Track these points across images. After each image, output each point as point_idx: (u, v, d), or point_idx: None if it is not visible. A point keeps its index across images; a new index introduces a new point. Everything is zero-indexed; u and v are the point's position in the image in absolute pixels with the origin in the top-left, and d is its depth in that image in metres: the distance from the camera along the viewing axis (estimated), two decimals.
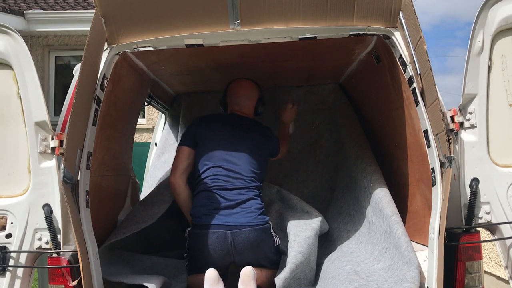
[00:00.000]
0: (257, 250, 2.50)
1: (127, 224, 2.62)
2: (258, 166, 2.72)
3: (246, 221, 2.49)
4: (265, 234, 2.54)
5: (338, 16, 2.21)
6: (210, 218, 2.51)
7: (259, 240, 2.50)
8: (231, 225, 2.47)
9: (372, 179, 2.74)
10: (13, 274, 2.13)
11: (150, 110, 9.88)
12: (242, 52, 2.66)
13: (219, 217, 2.50)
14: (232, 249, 2.46)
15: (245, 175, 2.64)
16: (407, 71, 2.26)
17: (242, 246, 2.46)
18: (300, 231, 2.66)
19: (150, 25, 2.23)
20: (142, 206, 2.79)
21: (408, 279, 2.10)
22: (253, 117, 3.01)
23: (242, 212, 2.53)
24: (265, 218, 2.58)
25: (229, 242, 2.45)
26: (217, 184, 2.61)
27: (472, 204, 2.14)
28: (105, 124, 2.41)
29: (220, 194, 2.58)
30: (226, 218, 2.50)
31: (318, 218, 2.79)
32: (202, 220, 2.52)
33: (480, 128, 2.19)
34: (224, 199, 2.56)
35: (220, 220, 2.49)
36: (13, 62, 2.15)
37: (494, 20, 2.17)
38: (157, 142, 4.22)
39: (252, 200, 2.58)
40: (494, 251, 4.40)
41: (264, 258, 2.55)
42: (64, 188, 1.98)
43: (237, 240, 2.46)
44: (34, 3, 10.12)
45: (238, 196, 2.57)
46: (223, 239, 2.45)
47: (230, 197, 2.56)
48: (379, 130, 3.10)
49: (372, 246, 2.53)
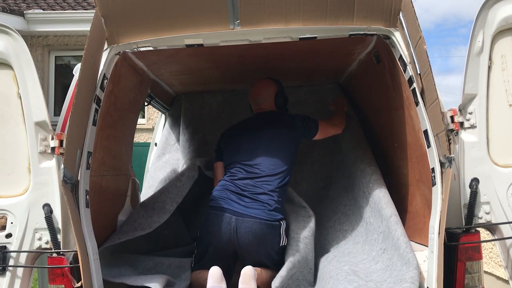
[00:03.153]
0: (259, 243, 2.52)
1: (126, 229, 2.63)
2: (281, 159, 2.75)
3: (254, 213, 2.55)
4: (272, 230, 2.55)
5: (338, 16, 2.21)
6: (223, 202, 2.61)
7: (262, 234, 2.52)
8: (238, 211, 2.55)
9: (371, 179, 2.74)
10: (13, 274, 2.13)
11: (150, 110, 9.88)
12: (242, 52, 2.66)
13: (230, 202, 2.60)
14: (234, 235, 2.51)
15: (262, 169, 2.69)
16: (407, 71, 2.26)
17: (243, 235, 2.51)
18: (299, 228, 2.67)
19: (150, 25, 2.23)
20: (143, 211, 2.79)
21: (407, 279, 2.10)
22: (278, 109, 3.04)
23: (254, 203, 2.58)
24: (278, 216, 2.60)
25: (232, 227, 2.51)
26: (234, 176, 2.71)
27: (472, 204, 2.14)
28: (105, 124, 2.41)
29: (235, 184, 2.67)
30: (235, 205, 2.58)
31: (312, 217, 2.80)
32: (215, 203, 2.63)
33: (480, 128, 2.19)
34: (238, 188, 2.64)
35: (230, 205, 2.58)
36: (13, 62, 2.15)
37: (494, 20, 2.17)
38: (157, 142, 4.22)
39: (266, 195, 2.62)
40: (494, 251, 4.40)
41: (266, 256, 2.56)
42: (64, 188, 1.98)
43: (239, 227, 2.51)
44: (34, 3, 10.12)
45: (252, 188, 2.64)
46: (227, 222, 2.53)
47: (244, 187, 2.64)
48: (379, 130, 3.10)
49: (369, 246, 2.53)
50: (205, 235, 2.62)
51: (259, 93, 3.03)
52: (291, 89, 3.73)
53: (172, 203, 2.84)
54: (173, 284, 2.45)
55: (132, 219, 2.72)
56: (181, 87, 3.66)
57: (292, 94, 3.72)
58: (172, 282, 2.44)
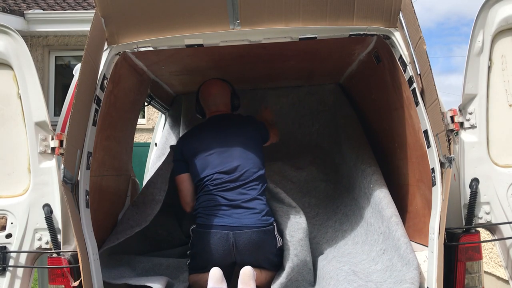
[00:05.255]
0: (259, 251, 2.50)
1: (122, 228, 2.61)
2: (255, 157, 2.68)
3: (249, 222, 2.49)
4: (268, 236, 2.53)
5: (338, 16, 2.21)
6: (213, 218, 2.51)
7: (261, 242, 2.50)
8: (234, 225, 2.47)
9: (372, 180, 2.74)
10: (13, 274, 2.13)
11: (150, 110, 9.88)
12: (242, 52, 2.66)
13: (222, 217, 2.51)
14: (233, 250, 2.47)
15: (244, 172, 2.60)
16: (407, 71, 2.26)
17: (244, 247, 2.47)
18: (293, 231, 2.66)
19: (150, 25, 2.23)
20: (135, 208, 2.77)
21: (407, 279, 2.10)
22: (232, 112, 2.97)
23: (246, 212, 2.52)
24: (270, 219, 2.57)
25: (230, 243, 2.46)
26: (217, 187, 2.59)
27: (472, 204, 2.14)
28: (105, 124, 2.41)
29: (221, 195, 2.57)
30: (228, 219, 2.50)
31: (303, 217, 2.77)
32: (205, 220, 2.53)
33: (480, 128, 2.19)
34: (226, 200, 2.55)
35: (222, 220, 2.50)
36: (13, 62, 2.15)
37: (494, 20, 2.17)
38: (157, 142, 4.22)
39: (255, 201, 2.57)
40: (494, 251, 4.40)
41: (265, 260, 2.55)
42: (64, 188, 1.98)
43: (239, 241, 2.46)
44: (34, 3, 10.12)
45: (240, 196, 2.56)
46: (225, 239, 2.46)
47: (232, 197, 2.55)
48: (379, 130, 3.10)
49: (369, 247, 2.53)
50: (202, 253, 2.52)
51: (216, 93, 2.89)
52: (291, 89, 3.73)
53: (160, 192, 2.80)
54: (172, 285, 2.45)
55: (127, 217, 2.71)
56: (181, 87, 3.66)
57: (292, 94, 3.72)
58: (171, 283, 2.44)
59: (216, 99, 2.89)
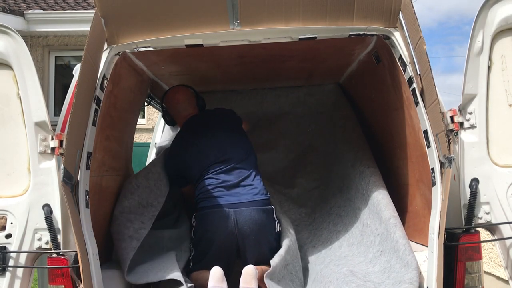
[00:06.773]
0: (259, 231, 2.55)
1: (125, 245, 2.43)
2: (243, 143, 2.85)
3: (249, 198, 2.58)
4: (268, 216, 2.60)
5: (338, 16, 2.21)
6: (213, 199, 2.61)
7: (261, 221, 2.56)
8: (234, 203, 2.56)
9: (371, 181, 2.74)
10: (13, 274, 2.13)
11: (150, 110, 9.88)
12: (242, 52, 2.66)
13: (222, 196, 2.60)
14: (235, 228, 2.52)
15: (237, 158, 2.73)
16: (407, 71, 2.26)
17: (245, 225, 2.52)
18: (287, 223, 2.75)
19: (150, 25, 2.24)
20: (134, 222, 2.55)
21: (406, 280, 2.10)
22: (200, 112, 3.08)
23: (245, 189, 2.62)
24: (268, 197, 2.67)
25: (232, 220, 2.52)
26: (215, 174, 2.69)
27: (472, 204, 2.14)
28: (105, 124, 2.41)
29: (219, 178, 2.66)
30: (229, 197, 2.59)
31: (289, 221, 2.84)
32: (206, 202, 2.62)
33: (480, 128, 2.19)
34: (225, 182, 2.65)
35: (223, 199, 2.58)
36: (13, 62, 2.15)
37: (494, 20, 2.17)
38: (157, 142, 4.21)
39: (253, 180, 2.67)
40: (494, 251, 4.40)
41: (267, 243, 2.59)
42: (64, 188, 1.98)
43: (240, 219, 2.52)
44: (34, 3, 10.12)
45: (237, 177, 2.66)
46: (226, 216, 2.53)
47: (230, 178, 2.66)
48: (379, 130, 3.10)
49: (365, 248, 2.52)
50: (205, 234, 2.59)
51: (183, 99, 3.05)
52: (291, 89, 3.73)
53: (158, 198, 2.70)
54: None
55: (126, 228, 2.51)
56: None
57: (292, 94, 3.72)
58: None
59: (184, 103, 3.05)
